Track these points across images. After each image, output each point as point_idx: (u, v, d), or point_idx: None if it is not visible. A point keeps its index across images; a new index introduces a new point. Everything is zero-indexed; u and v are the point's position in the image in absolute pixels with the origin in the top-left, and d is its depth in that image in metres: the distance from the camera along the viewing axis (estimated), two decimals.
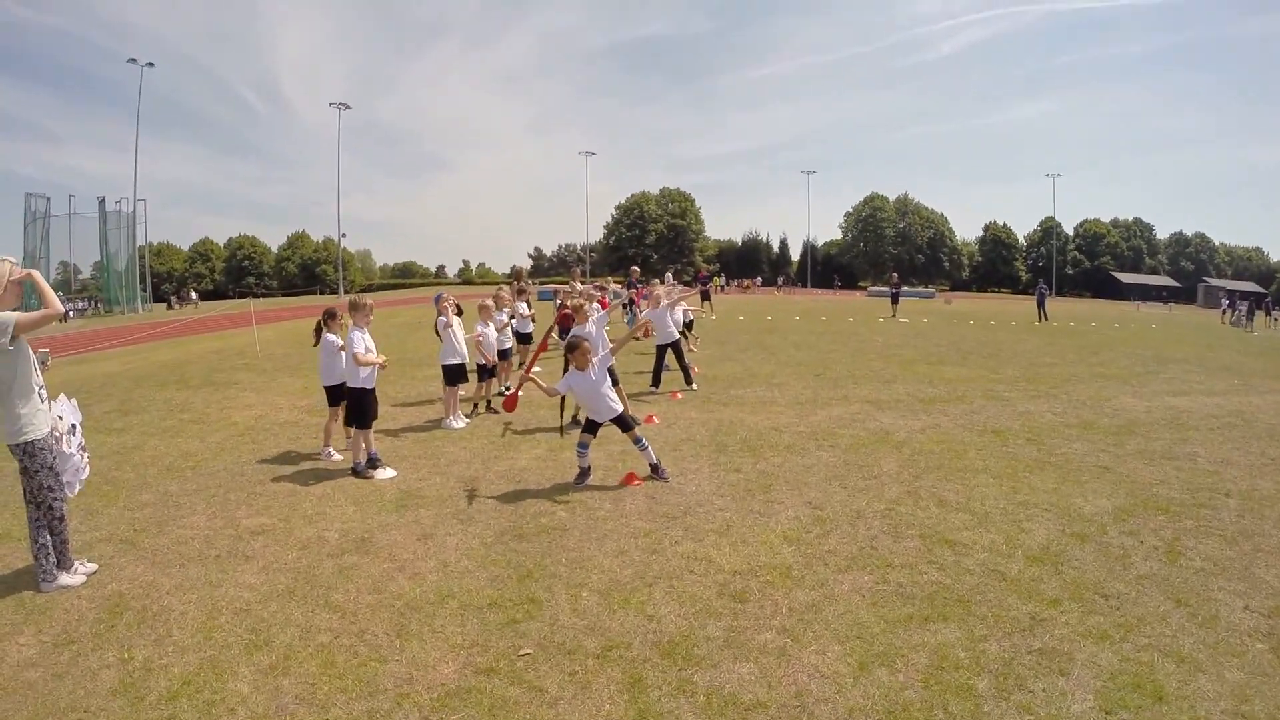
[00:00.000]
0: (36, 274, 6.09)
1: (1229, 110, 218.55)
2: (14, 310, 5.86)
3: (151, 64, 68.85)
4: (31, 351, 6.09)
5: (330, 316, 10.27)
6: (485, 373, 13.12)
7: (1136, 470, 9.94)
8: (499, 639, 5.31)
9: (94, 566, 6.51)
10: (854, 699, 4.66)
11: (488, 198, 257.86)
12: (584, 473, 9.13)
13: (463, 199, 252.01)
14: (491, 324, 13.38)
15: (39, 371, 6.20)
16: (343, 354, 9.86)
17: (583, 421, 9.59)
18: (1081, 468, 9.98)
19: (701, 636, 5.38)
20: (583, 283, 23.41)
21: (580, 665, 4.98)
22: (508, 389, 14.52)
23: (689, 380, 15.62)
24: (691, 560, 6.73)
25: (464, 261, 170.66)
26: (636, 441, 9.14)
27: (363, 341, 9.44)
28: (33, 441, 6.01)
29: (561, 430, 10.94)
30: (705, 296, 38.93)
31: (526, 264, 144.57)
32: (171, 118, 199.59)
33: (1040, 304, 44.03)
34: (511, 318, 17.20)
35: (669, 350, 15.57)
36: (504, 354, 14.40)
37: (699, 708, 4.53)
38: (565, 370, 9.56)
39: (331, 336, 10.15)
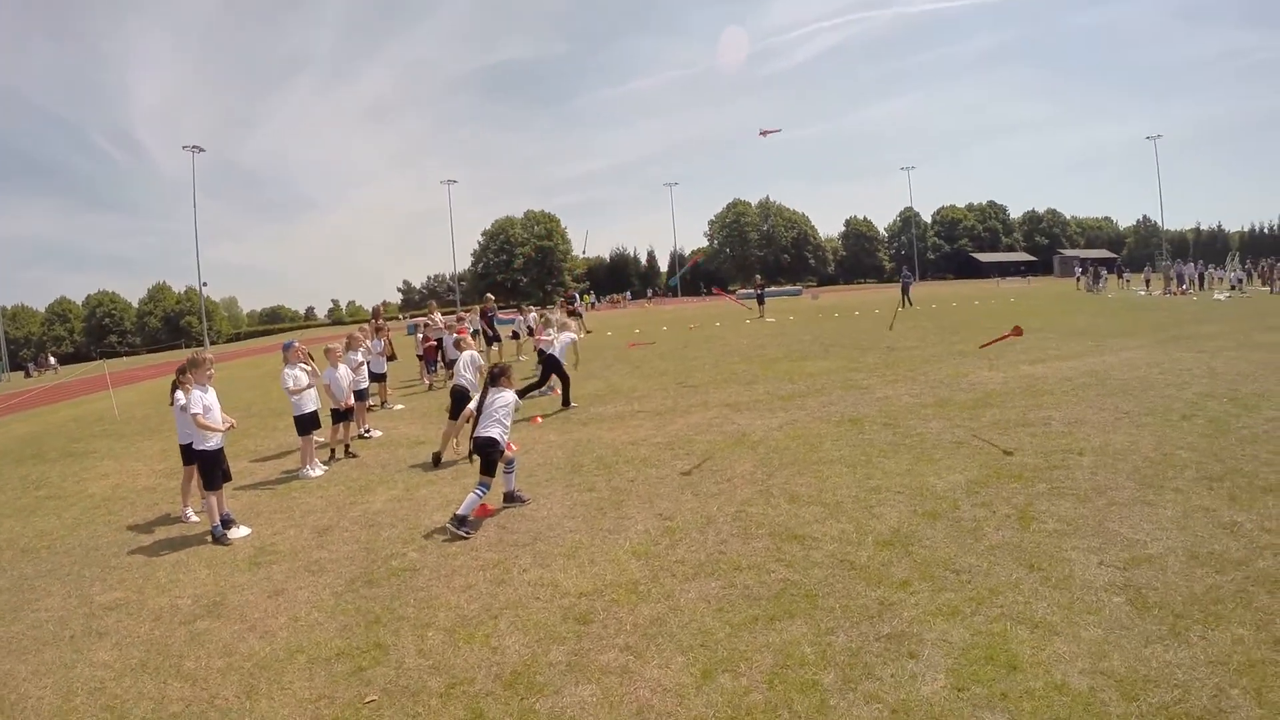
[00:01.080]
0: None
1: (1069, 96, 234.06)
2: None
3: None
4: None
5: (182, 372, 9.75)
6: (339, 416, 12.60)
7: (991, 441, 10.08)
8: (345, 689, 5.24)
9: None
10: (696, 709, 4.59)
11: (357, 235, 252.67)
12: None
13: (330, 237, 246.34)
14: (342, 365, 12.85)
15: None
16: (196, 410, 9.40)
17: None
18: (936, 445, 10.13)
19: (544, 663, 5.32)
20: (443, 314, 23.12)
21: (424, 706, 4.95)
22: (367, 431, 14.17)
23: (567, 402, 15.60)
24: (538, 587, 6.64)
25: (333, 301, 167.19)
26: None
27: (201, 401, 9.04)
28: None
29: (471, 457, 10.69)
30: (576, 314, 39.14)
31: (396, 298, 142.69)
32: (22, 170, 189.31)
33: (905, 290, 45.35)
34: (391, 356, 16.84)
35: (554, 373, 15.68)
36: (360, 395, 13.87)
37: None
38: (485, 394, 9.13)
39: (180, 395, 9.62)
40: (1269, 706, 4.17)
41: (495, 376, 9.14)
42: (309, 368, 12.31)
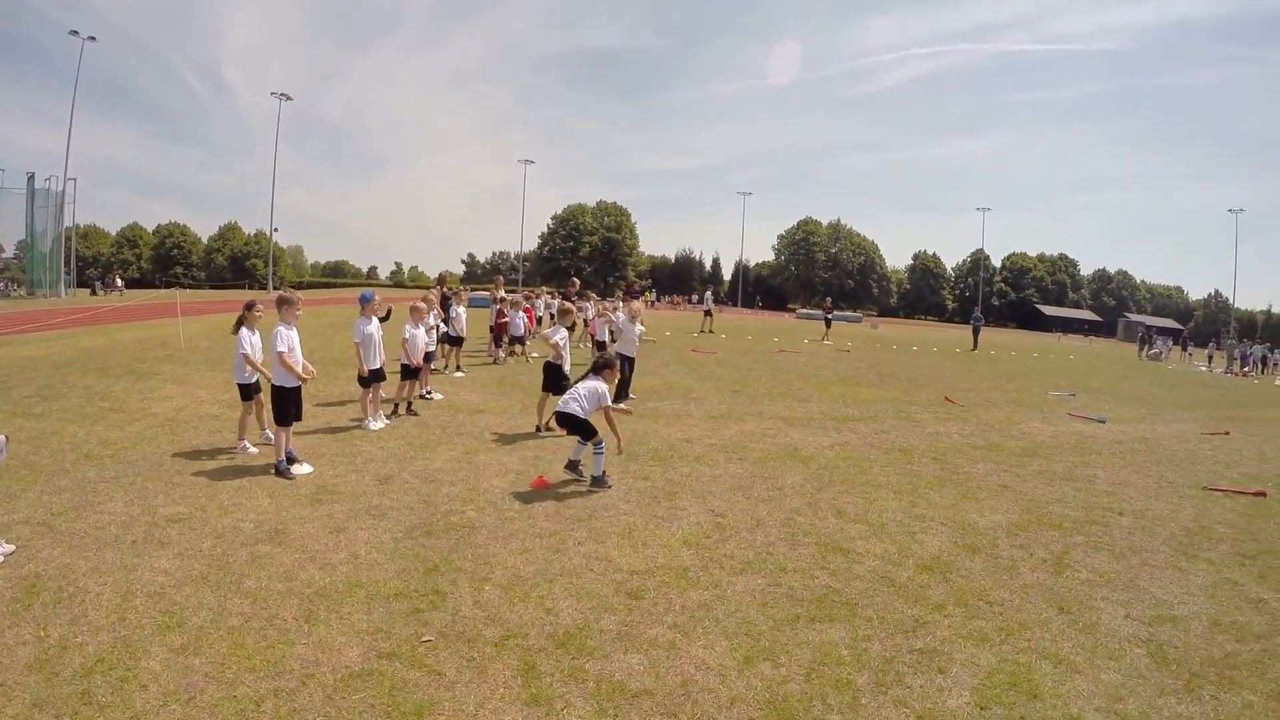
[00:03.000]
0: None
1: (1158, 155, 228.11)
2: None
3: (94, 38, 66.20)
4: None
5: (249, 307, 10.18)
6: (407, 373, 13.06)
7: (1035, 489, 10.36)
8: (402, 627, 5.46)
9: (11, 547, 6.43)
10: (736, 689, 4.87)
11: (426, 200, 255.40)
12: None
13: (401, 200, 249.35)
14: (422, 326, 13.33)
15: None
16: (245, 350, 9.87)
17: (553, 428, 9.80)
18: (981, 486, 10.37)
19: (595, 629, 5.58)
20: (507, 291, 23.44)
21: (478, 652, 5.15)
22: (429, 392, 14.61)
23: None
24: (592, 560, 6.92)
25: (396, 263, 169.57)
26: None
27: (287, 340, 9.36)
28: None
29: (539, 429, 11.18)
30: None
31: (460, 269, 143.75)
32: (109, 95, 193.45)
33: (975, 332, 45.37)
34: (445, 321, 17.27)
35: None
36: (427, 357, 14.35)
37: (588, 693, 4.73)
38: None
39: (246, 332, 10.06)
40: None
41: (599, 366, 9.59)
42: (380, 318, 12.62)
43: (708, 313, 42.00)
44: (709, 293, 46.24)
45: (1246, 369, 48.25)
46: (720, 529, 7.95)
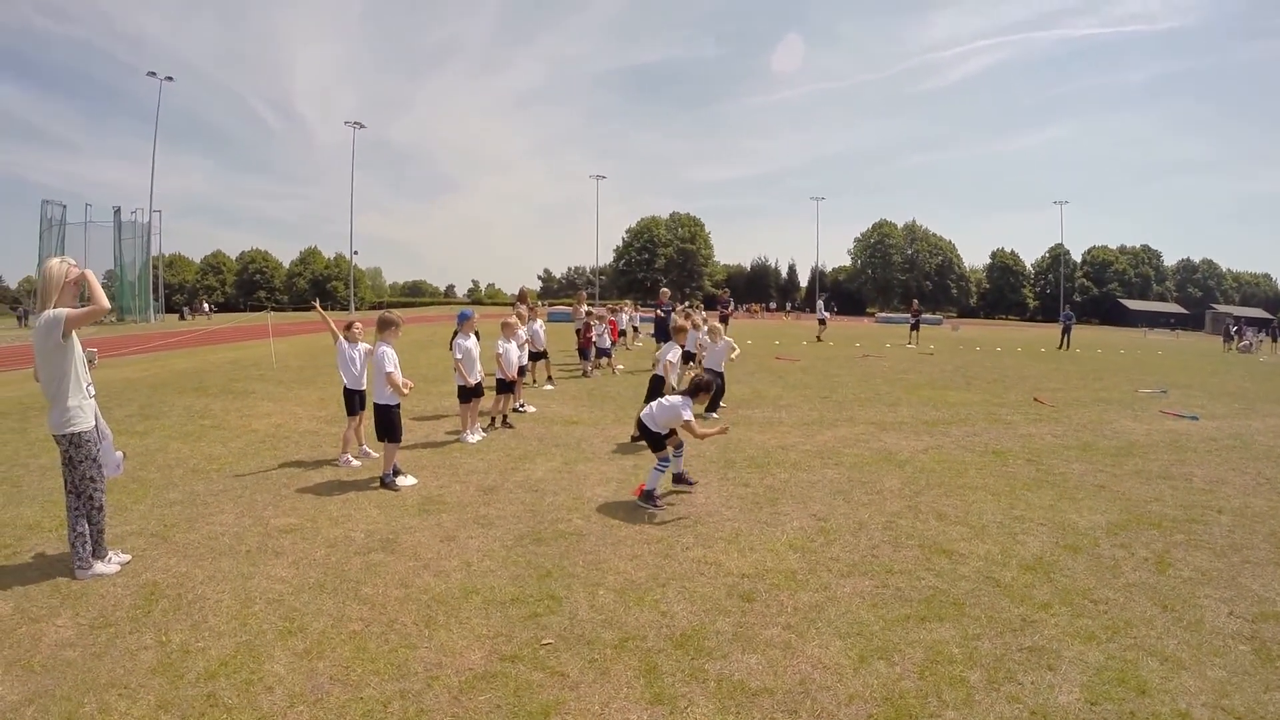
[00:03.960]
0: (89, 273, 6.46)
1: (1237, 137, 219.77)
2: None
3: (171, 78, 69.60)
4: (81, 348, 6.48)
5: (349, 328, 10.68)
6: (503, 387, 13.44)
7: (1132, 489, 10.30)
8: (522, 630, 5.67)
9: (128, 557, 6.82)
10: (854, 687, 5.03)
11: (496, 219, 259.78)
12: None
13: (471, 220, 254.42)
14: (514, 341, 13.70)
15: (87, 368, 6.57)
16: (353, 361, 10.37)
17: None
18: (1078, 486, 10.35)
19: (712, 631, 5.77)
20: (590, 307, 23.79)
21: (599, 654, 5.34)
22: (522, 405, 15.02)
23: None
24: (702, 564, 7.11)
25: (474, 281, 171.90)
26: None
27: (393, 359, 9.72)
28: (80, 433, 6.38)
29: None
30: (724, 320, 39.66)
31: (536, 285, 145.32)
32: (188, 131, 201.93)
33: (1066, 331, 44.52)
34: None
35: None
36: (520, 371, 14.73)
37: (710, 692, 4.91)
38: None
39: (346, 345, 10.66)
40: None
41: (695, 387, 9.12)
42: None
43: (822, 321, 42.18)
44: (821, 301, 46.39)
45: None
46: (824, 533, 8.10)
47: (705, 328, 16.41)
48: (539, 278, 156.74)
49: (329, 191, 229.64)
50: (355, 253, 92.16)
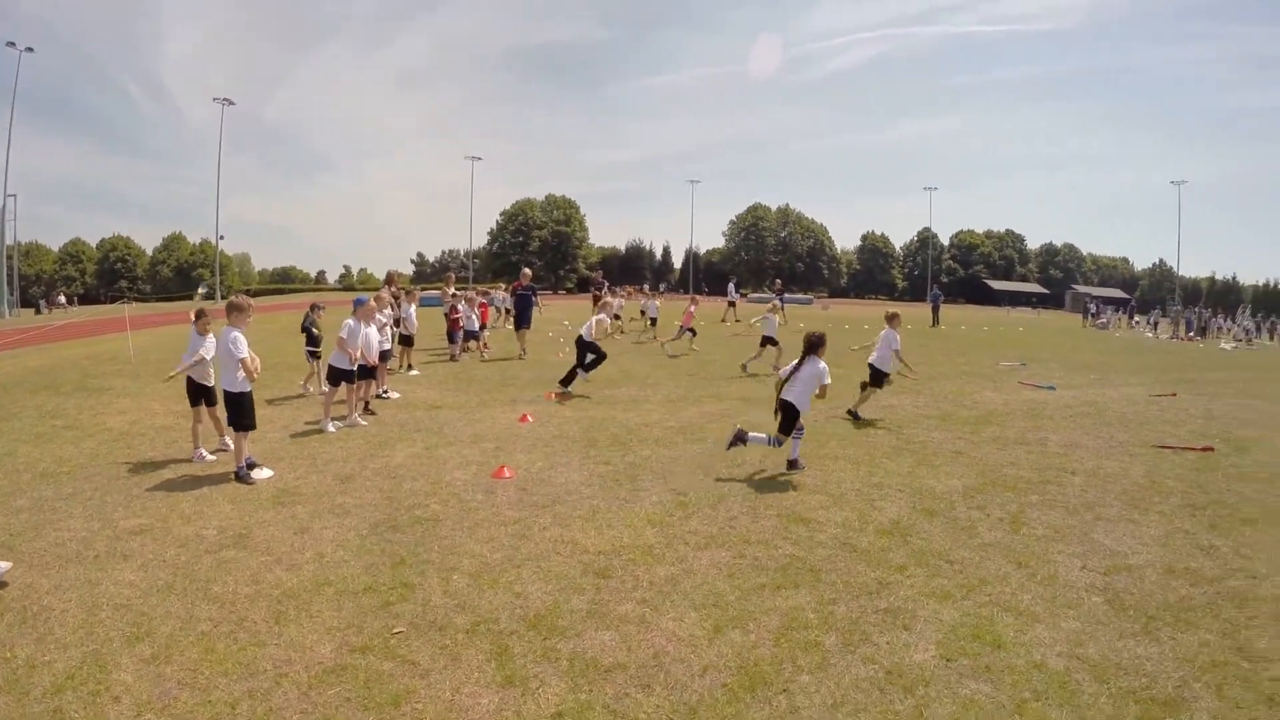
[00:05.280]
0: None
1: (1101, 134, 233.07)
2: None
3: (31, 49, 64.97)
4: None
5: (200, 316, 10.19)
6: (365, 373, 13.02)
7: (989, 454, 10.68)
8: (373, 620, 5.53)
9: (7, 565, 6.33)
10: (708, 657, 5.03)
11: (375, 202, 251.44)
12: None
13: (349, 202, 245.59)
14: (373, 325, 13.29)
15: None
16: (202, 352, 9.90)
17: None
18: (936, 453, 10.68)
19: (566, 610, 5.71)
20: (457, 290, 23.39)
21: (450, 639, 5.25)
22: (386, 391, 14.60)
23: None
24: (558, 544, 7.05)
25: (345, 267, 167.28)
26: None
27: (243, 345, 9.31)
28: None
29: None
30: (596, 301, 40.06)
31: (409, 269, 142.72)
32: (47, 108, 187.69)
33: (935, 309, 46.41)
34: (396, 322, 17.22)
35: None
36: (383, 356, 14.32)
37: (562, 671, 4.85)
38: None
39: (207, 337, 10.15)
40: (1227, 700, 4.68)
41: (814, 345, 9.85)
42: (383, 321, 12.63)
43: (731, 304, 42.52)
44: (731, 284, 46.68)
45: (1191, 333, 49.59)
46: (683, 506, 8.12)
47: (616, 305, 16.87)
48: (412, 261, 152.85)
49: (198, 173, 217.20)
50: (221, 238, 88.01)
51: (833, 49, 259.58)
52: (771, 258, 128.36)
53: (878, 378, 13.52)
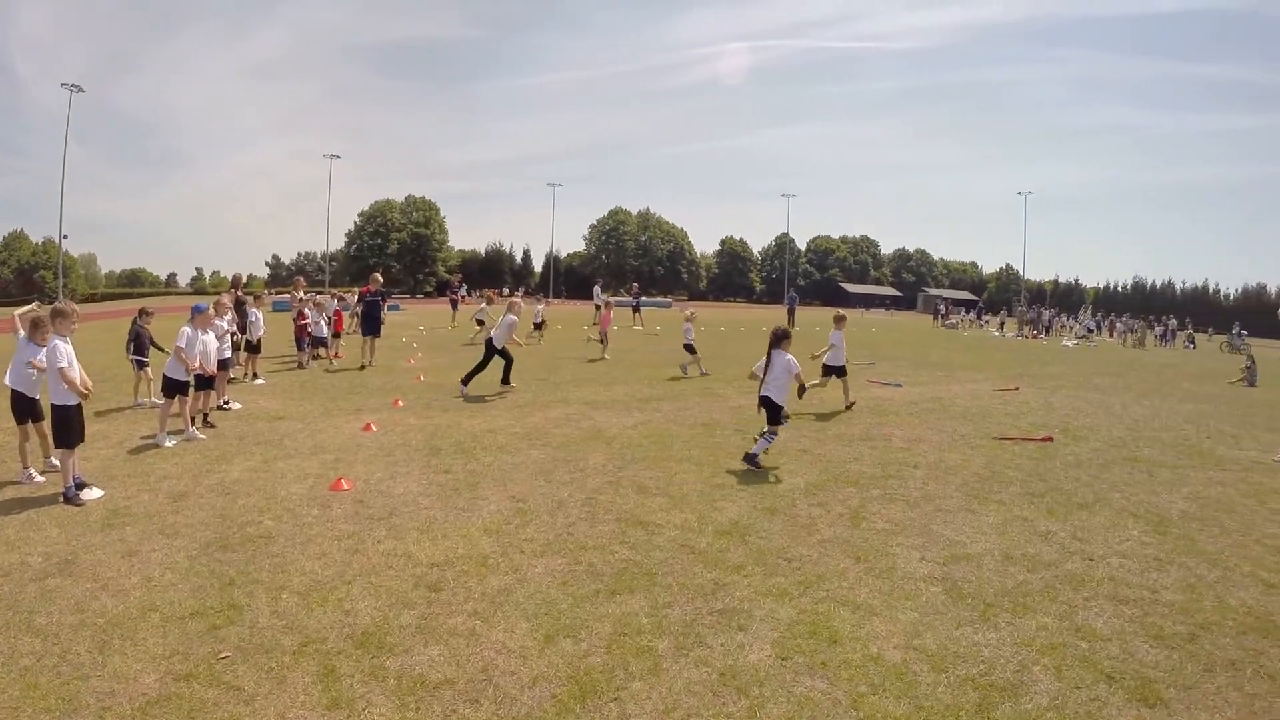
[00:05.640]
0: None
1: (954, 146, 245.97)
2: None
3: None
4: None
5: (35, 324, 9.42)
6: (202, 383, 12.33)
7: (833, 451, 10.84)
8: (199, 646, 5.25)
9: None
10: (538, 668, 4.89)
11: (230, 200, 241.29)
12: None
13: (203, 201, 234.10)
14: (210, 331, 12.57)
15: None
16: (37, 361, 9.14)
17: None
18: (782, 452, 10.71)
19: (395, 625, 5.51)
20: (305, 293, 22.54)
21: (277, 662, 5.03)
22: (227, 403, 13.86)
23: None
24: (391, 557, 6.81)
25: (197, 269, 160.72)
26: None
27: (67, 354, 8.74)
28: None
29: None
30: (454, 305, 39.66)
31: (264, 272, 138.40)
32: None
33: (791, 311, 47.75)
34: (242, 328, 16.45)
35: None
36: (223, 364, 13.61)
37: (389, 690, 4.67)
38: None
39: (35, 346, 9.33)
40: (1066, 681, 4.80)
41: (778, 339, 10.43)
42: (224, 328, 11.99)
43: (635, 309, 42.41)
44: (597, 287, 46.68)
45: (1036, 332, 52.06)
46: (521, 514, 7.94)
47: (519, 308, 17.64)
48: (267, 264, 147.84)
49: (42, 165, 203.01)
50: (65, 237, 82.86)
51: (700, 57, 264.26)
52: (632, 261, 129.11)
53: (840, 371, 14.92)
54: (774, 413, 10.21)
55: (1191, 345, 51.54)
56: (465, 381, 16.28)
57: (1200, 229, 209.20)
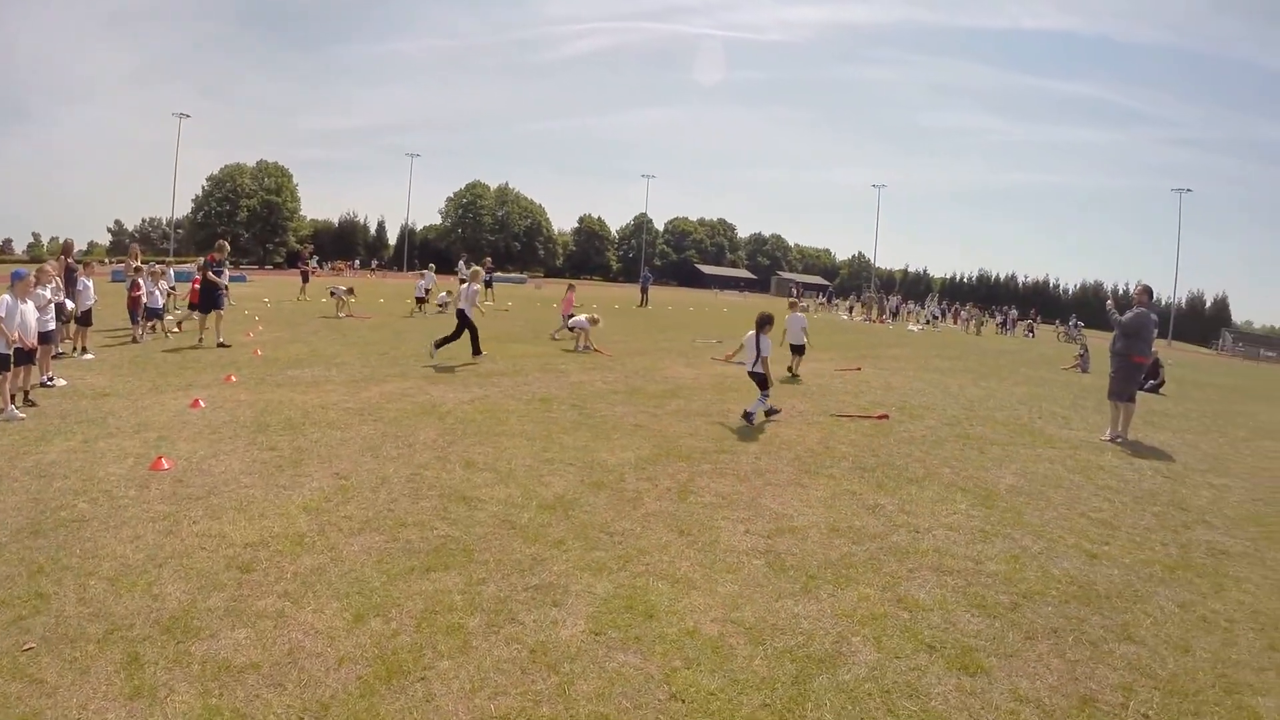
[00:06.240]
0: None
1: (815, 136, 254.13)
2: None
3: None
4: None
5: None
6: (22, 358, 11.45)
7: (669, 426, 10.92)
8: (3, 639, 4.97)
9: None
10: (345, 649, 4.80)
11: (72, 160, 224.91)
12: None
13: (43, 159, 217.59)
14: (30, 301, 11.69)
15: None
16: None
17: None
18: (616, 427, 10.77)
19: (203, 609, 5.34)
20: (140, 263, 21.38)
21: (81, 652, 4.83)
22: (50, 379, 12.99)
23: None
24: (205, 538, 6.56)
25: (34, 234, 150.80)
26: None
27: None
28: None
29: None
30: (305, 277, 38.66)
31: (105, 239, 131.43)
32: None
33: (644, 290, 48.80)
34: (69, 296, 15.48)
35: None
36: (46, 337, 12.70)
37: (193, 676, 4.53)
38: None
39: None
40: (886, 651, 4.94)
41: (761, 324, 12.06)
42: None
43: (488, 284, 42.12)
44: (461, 262, 46.53)
45: (884, 317, 54.11)
46: (343, 491, 7.75)
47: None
48: (109, 230, 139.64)
49: None
50: None
51: (568, 34, 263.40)
52: (488, 236, 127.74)
53: (799, 349, 17.48)
54: (760, 381, 11.79)
55: (1031, 334, 54.65)
56: (438, 345, 17.08)
57: (1043, 230, 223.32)
